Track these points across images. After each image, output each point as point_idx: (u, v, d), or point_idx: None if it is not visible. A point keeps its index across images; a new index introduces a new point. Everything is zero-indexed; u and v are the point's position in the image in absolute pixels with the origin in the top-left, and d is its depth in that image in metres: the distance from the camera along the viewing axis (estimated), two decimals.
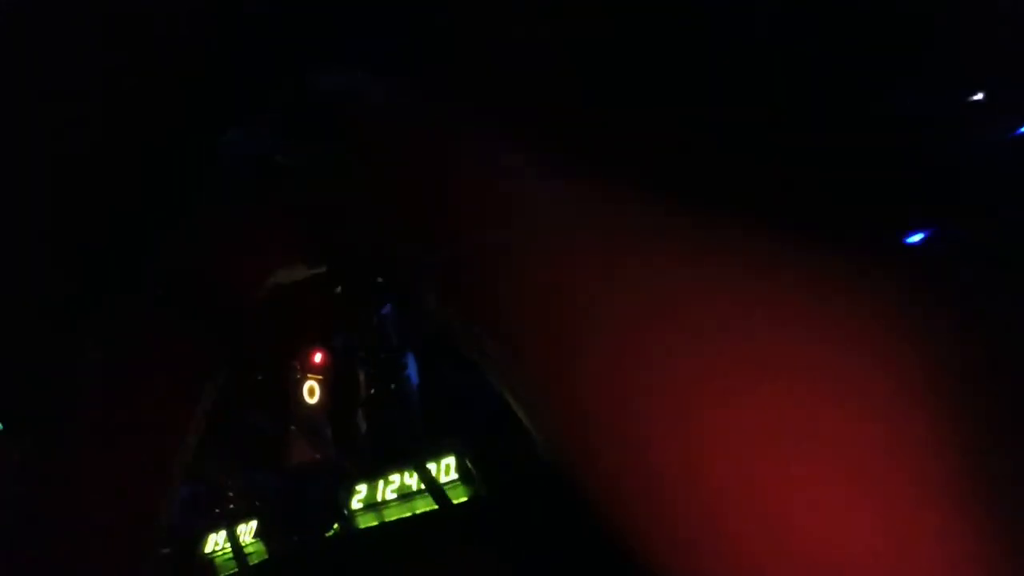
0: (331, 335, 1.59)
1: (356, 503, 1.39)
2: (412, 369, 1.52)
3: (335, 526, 1.36)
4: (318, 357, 1.65)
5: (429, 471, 1.26)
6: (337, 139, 0.54)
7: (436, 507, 1.30)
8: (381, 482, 1.38)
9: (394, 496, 1.36)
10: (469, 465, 1.22)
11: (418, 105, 0.51)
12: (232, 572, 1.71)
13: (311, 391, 1.64)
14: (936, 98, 0.55)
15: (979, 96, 0.55)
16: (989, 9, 0.55)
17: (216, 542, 1.63)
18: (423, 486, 1.33)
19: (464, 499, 1.29)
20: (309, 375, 1.63)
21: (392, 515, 1.36)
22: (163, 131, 0.65)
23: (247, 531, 1.56)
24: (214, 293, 0.61)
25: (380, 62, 0.59)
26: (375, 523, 1.38)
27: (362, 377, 1.51)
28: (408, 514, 1.34)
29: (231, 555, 1.59)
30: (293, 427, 1.66)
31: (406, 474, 1.35)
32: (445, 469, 1.32)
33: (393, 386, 1.43)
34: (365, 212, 0.53)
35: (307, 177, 0.59)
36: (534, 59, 0.51)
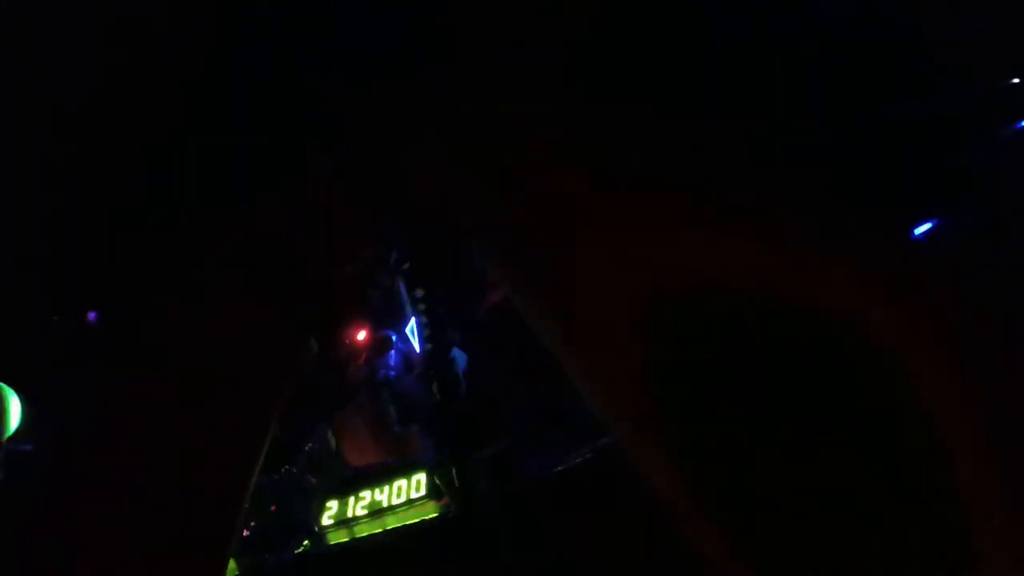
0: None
1: (327, 520, 1.38)
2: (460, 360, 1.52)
3: (306, 543, 1.36)
4: (362, 334, 1.63)
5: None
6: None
7: (406, 523, 1.30)
8: (352, 499, 1.38)
9: (364, 512, 1.35)
10: (438, 481, 1.22)
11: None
12: None
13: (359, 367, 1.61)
14: (937, 97, 0.55)
15: (979, 95, 0.56)
16: (988, 11, 0.55)
17: None
18: (393, 502, 1.33)
19: (434, 515, 1.28)
20: (357, 352, 1.61)
21: (362, 531, 1.36)
22: (163, 130, 0.65)
23: None
24: (306, 268, 0.60)
25: (380, 62, 0.59)
26: (346, 539, 1.37)
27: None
28: (378, 530, 1.34)
29: None
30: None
31: (376, 490, 1.35)
32: (416, 485, 1.32)
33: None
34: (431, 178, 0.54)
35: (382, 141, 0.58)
36: (534, 58, 0.51)
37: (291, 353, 0.60)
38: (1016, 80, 0.60)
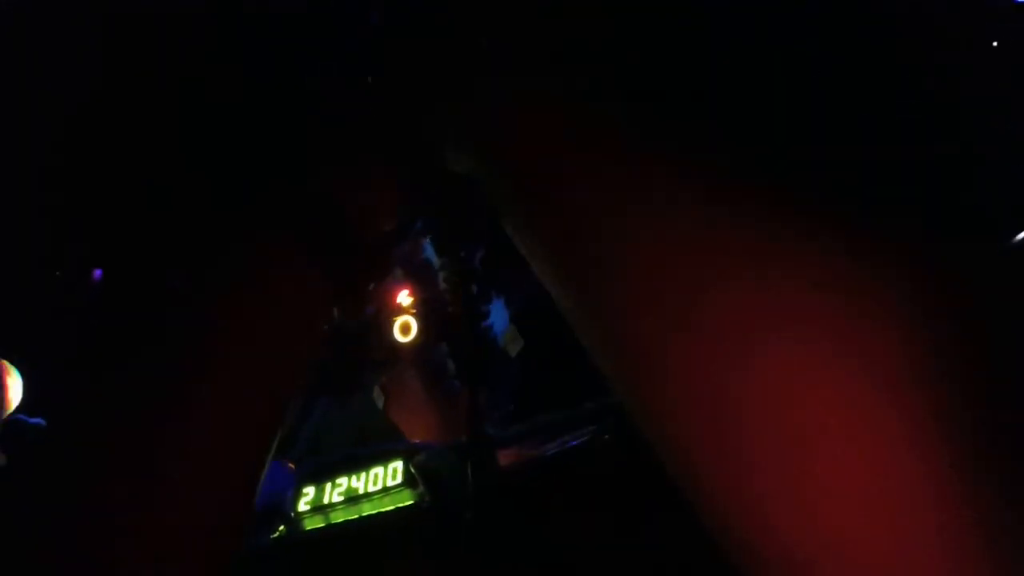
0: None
1: (303, 505, 1.39)
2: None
3: (281, 528, 1.37)
4: (403, 295, 1.57)
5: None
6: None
7: (382, 510, 1.32)
8: (328, 485, 1.39)
9: (340, 499, 1.36)
10: (413, 470, 1.24)
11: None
12: None
13: (405, 328, 1.55)
14: (939, 97, 0.56)
15: (981, 92, 0.57)
16: (990, 9, 0.56)
17: None
18: (369, 489, 1.34)
19: (409, 503, 1.30)
20: (400, 313, 1.55)
21: (338, 518, 1.37)
22: (164, 131, 0.64)
23: None
24: (338, 226, 0.58)
25: (378, 61, 0.59)
26: (322, 525, 1.38)
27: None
28: (354, 517, 1.35)
29: None
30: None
31: (353, 477, 1.36)
32: (392, 473, 1.33)
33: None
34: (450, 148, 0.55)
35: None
36: (535, 57, 0.52)
37: (312, 322, 0.59)
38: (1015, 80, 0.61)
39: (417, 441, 1.46)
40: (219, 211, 0.58)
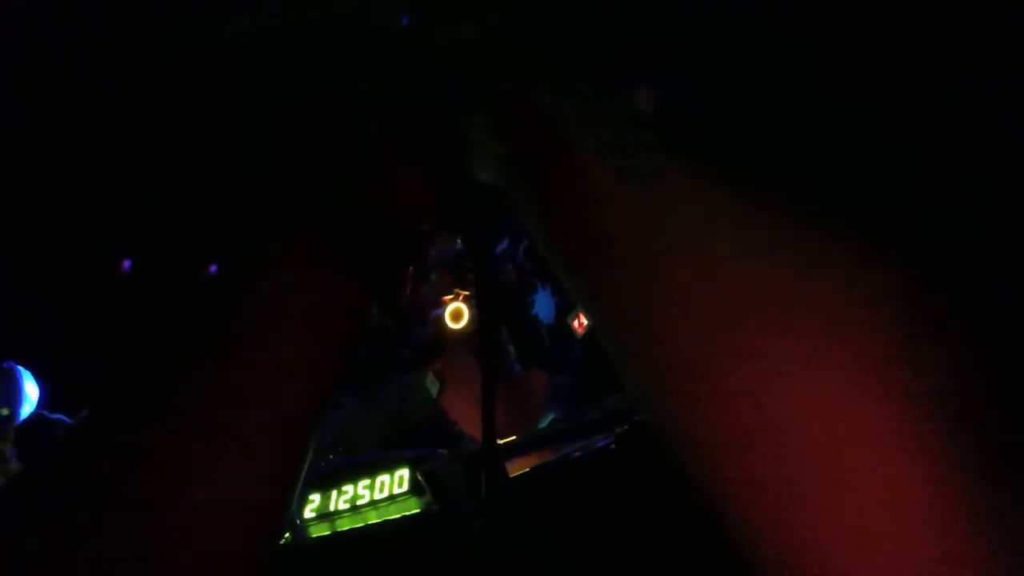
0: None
1: (309, 513, 1.39)
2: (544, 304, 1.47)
3: (286, 535, 1.37)
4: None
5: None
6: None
7: (388, 519, 1.32)
8: (334, 492, 1.39)
9: (346, 507, 1.36)
10: (420, 478, 1.24)
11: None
12: None
13: (456, 314, 1.55)
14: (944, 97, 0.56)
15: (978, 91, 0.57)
16: (993, 9, 0.56)
17: None
18: (375, 497, 1.34)
19: (415, 511, 1.30)
20: (453, 297, 1.54)
21: (344, 525, 1.37)
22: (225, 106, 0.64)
23: None
24: (379, 212, 0.55)
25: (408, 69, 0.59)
26: (327, 533, 1.38)
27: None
28: (360, 524, 1.35)
29: None
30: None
31: (359, 485, 1.36)
32: (398, 481, 1.33)
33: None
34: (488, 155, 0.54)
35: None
36: (562, 68, 0.52)
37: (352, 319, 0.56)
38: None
39: (428, 449, 1.46)
40: (250, 207, 0.58)
